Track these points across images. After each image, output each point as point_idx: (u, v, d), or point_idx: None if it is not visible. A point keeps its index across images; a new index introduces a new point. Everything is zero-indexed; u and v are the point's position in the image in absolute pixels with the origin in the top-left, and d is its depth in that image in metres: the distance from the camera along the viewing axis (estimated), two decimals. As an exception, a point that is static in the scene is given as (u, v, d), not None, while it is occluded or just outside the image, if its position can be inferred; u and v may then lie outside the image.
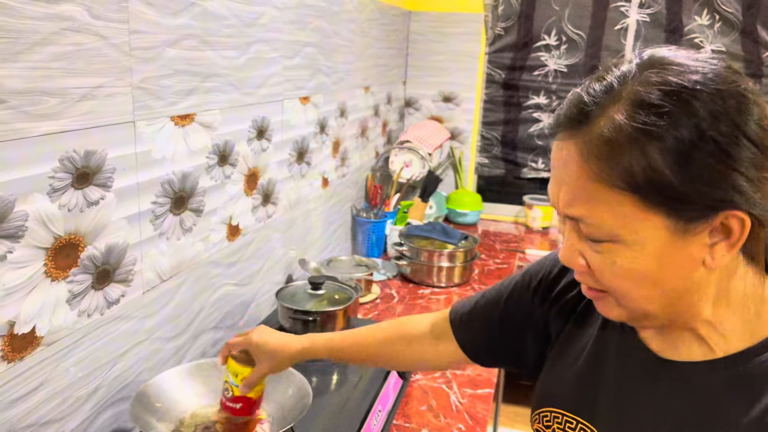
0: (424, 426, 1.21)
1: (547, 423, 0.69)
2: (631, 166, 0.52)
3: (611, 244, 0.55)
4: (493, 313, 0.80)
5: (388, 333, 0.90)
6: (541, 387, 0.74)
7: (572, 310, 0.72)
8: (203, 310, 1.24)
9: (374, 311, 1.72)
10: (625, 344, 0.66)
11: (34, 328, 0.82)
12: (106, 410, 0.98)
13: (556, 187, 0.58)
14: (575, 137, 0.55)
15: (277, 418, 0.97)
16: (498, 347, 0.81)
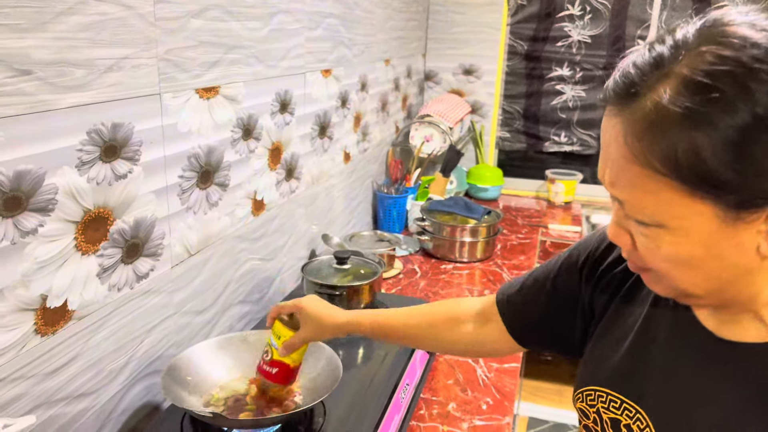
0: (451, 400, 1.20)
1: (590, 402, 0.68)
2: (675, 152, 0.48)
3: (656, 229, 0.53)
4: (540, 292, 0.79)
5: (436, 316, 0.88)
6: (585, 365, 0.72)
7: (619, 286, 0.70)
8: (230, 285, 1.24)
9: (397, 286, 1.71)
10: (677, 322, 0.63)
11: (66, 301, 0.82)
12: (138, 383, 0.98)
13: (603, 164, 0.56)
14: (619, 115, 0.52)
15: (307, 391, 0.97)
16: (545, 328, 0.79)
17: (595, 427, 0.67)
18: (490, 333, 0.84)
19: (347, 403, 1.00)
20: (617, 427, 0.64)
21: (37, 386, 0.78)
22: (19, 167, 0.72)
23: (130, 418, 0.97)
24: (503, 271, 1.85)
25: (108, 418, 0.92)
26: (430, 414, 1.15)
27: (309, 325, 0.90)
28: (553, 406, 2.63)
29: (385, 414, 1.01)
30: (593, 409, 0.67)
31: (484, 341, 0.85)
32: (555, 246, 2.25)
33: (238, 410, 0.93)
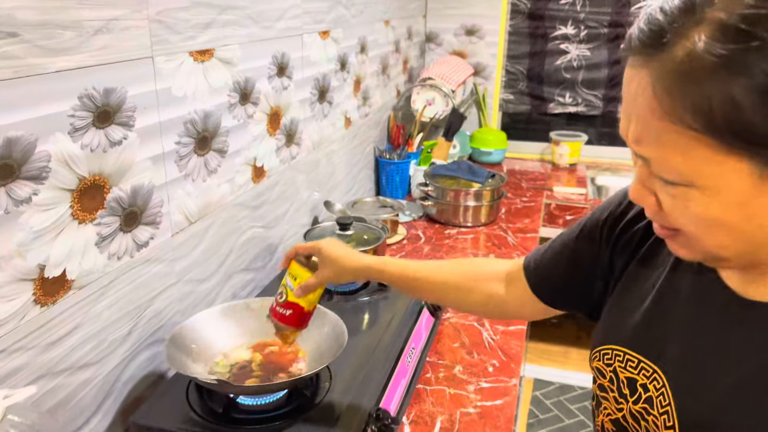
0: (457, 363, 1.20)
1: (608, 361, 0.66)
2: (709, 105, 0.45)
3: (684, 188, 0.50)
4: (564, 254, 0.77)
5: (465, 274, 0.86)
6: (603, 324, 0.71)
7: (638, 246, 0.67)
8: (232, 253, 1.23)
9: (401, 252, 1.70)
10: (700, 281, 0.60)
11: (65, 271, 0.80)
12: (141, 352, 0.98)
13: (626, 119, 0.52)
14: (646, 66, 0.48)
15: (313, 357, 0.96)
16: (568, 289, 0.78)
17: (611, 386, 0.66)
18: (515, 295, 0.83)
19: (353, 368, 1.00)
20: (633, 387, 0.63)
21: (38, 357, 0.77)
22: (9, 134, 0.70)
23: (134, 387, 0.97)
24: (508, 234, 1.83)
25: (112, 388, 0.92)
26: (437, 377, 1.15)
27: (328, 267, 0.88)
28: (558, 367, 2.65)
29: (392, 378, 1.00)
30: (610, 369, 0.66)
31: (510, 303, 0.84)
32: (560, 209, 2.23)
33: (243, 377, 0.92)
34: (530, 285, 0.81)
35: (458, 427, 1.02)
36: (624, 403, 0.64)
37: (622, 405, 0.64)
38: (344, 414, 0.89)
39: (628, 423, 0.63)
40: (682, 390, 0.58)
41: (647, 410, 0.61)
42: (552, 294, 0.80)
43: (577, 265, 0.76)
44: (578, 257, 0.75)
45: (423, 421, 1.03)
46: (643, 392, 0.62)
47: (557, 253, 0.78)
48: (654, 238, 0.65)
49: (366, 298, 1.24)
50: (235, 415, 0.89)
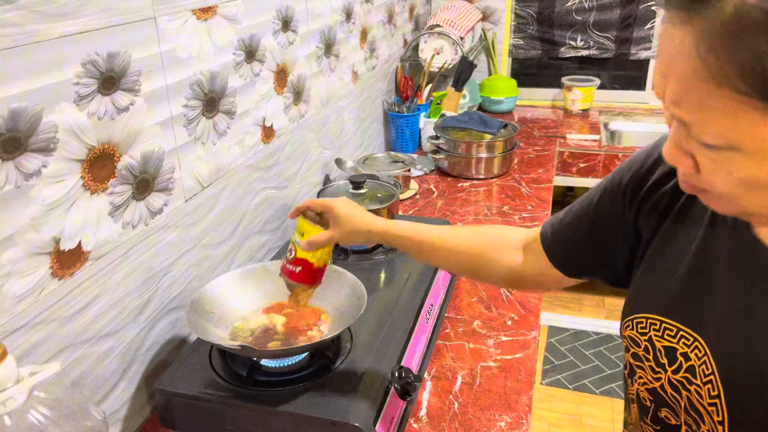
0: (476, 318, 1.20)
1: (642, 330, 0.64)
2: (761, 65, 0.41)
3: (728, 152, 0.47)
4: (583, 219, 0.74)
5: (482, 243, 0.84)
6: (635, 291, 0.68)
7: (668, 206, 0.64)
8: (246, 215, 1.21)
9: (414, 207, 1.69)
10: (738, 243, 0.57)
11: (80, 243, 0.80)
12: (162, 318, 0.98)
13: (662, 78, 0.48)
14: (688, 23, 0.44)
15: (333, 319, 0.96)
16: (588, 254, 0.75)
17: (646, 356, 0.63)
18: (532, 264, 0.81)
19: (373, 328, 1.00)
20: (672, 356, 0.60)
21: (59, 330, 0.77)
22: (13, 105, 0.68)
23: (157, 352, 0.97)
24: (521, 185, 1.80)
25: (135, 355, 0.92)
26: (456, 332, 1.15)
27: (341, 227, 0.85)
28: (572, 314, 2.66)
29: (412, 336, 1.01)
30: (644, 338, 0.63)
31: (527, 273, 0.82)
32: (573, 156, 2.19)
33: (266, 340, 0.92)
34: (548, 254, 0.78)
35: (479, 381, 1.02)
36: (662, 373, 0.62)
37: (659, 374, 0.62)
38: (367, 373, 0.89)
39: (667, 393, 0.62)
40: (726, 359, 0.56)
41: (689, 380, 0.59)
42: (571, 262, 0.78)
43: (598, 230, 0.73)
44: (599, 222, 0.72)
45: (444, 376, 1.03)
46: (683, 361, 0.59)
47: (576, 219, 0.75)
48: (686, 196, 0.62)
49: (382, 257, 1.23)
50: (259, 377, 0.89)
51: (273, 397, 0.85)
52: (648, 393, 0.65)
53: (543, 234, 0.80)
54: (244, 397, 0.85)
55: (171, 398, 0.87)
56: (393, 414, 0.88)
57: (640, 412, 0.68)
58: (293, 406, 0.83)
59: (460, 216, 1.62)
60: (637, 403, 0.68)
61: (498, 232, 0.86)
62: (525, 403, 0.98)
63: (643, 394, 0.66)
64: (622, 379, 0.74)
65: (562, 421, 2.11)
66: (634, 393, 0.68)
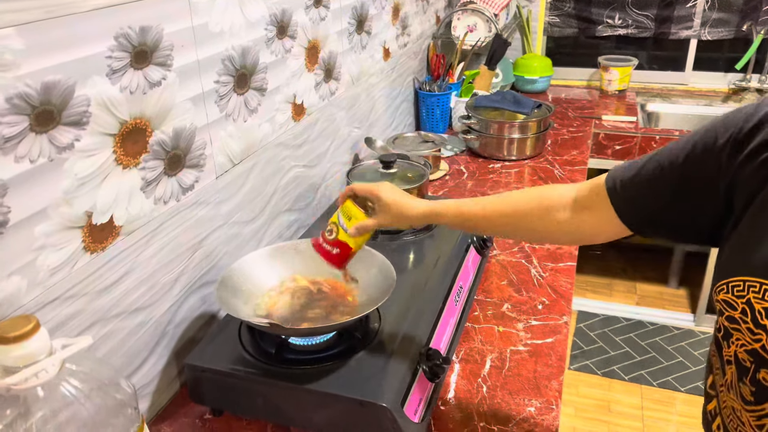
0: (505, 301, 1.18)
1: (738, 292, 0.61)
2: None
3: None
4: (665, 175, 0.70)
5: (527, 205, 0.82)
6: (732, 254, 0.65)
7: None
8: (276, 193, 1.21)
9: (444, 188, 1.66)
10: None
11: (112, 217, 0.80)
12: (192, 294, 0.98)
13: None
14: None
15: (362, 298, 0.95)
16: (667, 214, 0.71)
17: (743, 318, 0.61)
18: (590, 221, 0.77)
19: (401, 309, 0.99)
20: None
21: (91, 303, 0.78)
22: (46, 78, 0.67)
23: (187, 328, 0.98)
24: (555, 167, 1.77)
25: (165, 330, 0.93)
26: (485, 315, 1.13)
27: (386, 213, 0.88)
28: (602, 299, 2.62)
29: (440, 318, 0.99)
30: (742, 300, 0.61)
31: (583, 229, 0.79)
32: (609, 138, 2.13)
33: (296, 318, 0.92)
34: (617, 210, 0.74)
35: (508, 365, 1.01)
36: (762, 334, 0.59)
37: (759, 336, 0.60)
38: (395, 354, 0.89)
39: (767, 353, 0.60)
40: None
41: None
42: (645, 220, 0.73)
43: (683, 191, 0.68)
44: (686, 183, 0.68)
45: (473, 359, 1.02)
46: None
47: (655, 177, 0.71)
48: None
49: (411, 237, 1.22)
50: (287, 355, 0.89)
51: (301, 375, 0.85)
52: (747, 354, 0.62)
53: (611, 190, 0.75)
54: (272, 374, 0.85)
55: (200, 374, 0.88)
56: (421, 396, 0.87)
57: (738, 373, 0.66)
58: (321, 384, 0.83)
59: (490, 197, 1.59)
60: (735, 364, 0.65)
61: (542, 196, 0.83)
62: (555, 388, 0.96)
63: (742, 356, 0.63)
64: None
65: (589, 406, 2.09)
66: (731, 355, 0.65)
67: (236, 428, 0.90)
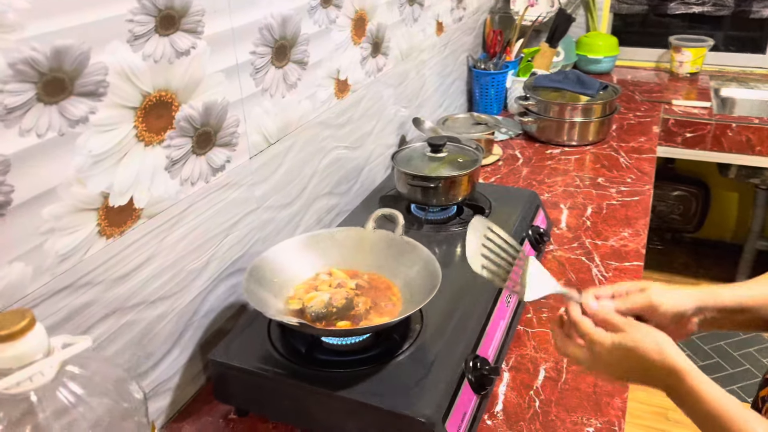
0: (563, 303, 1.06)
1: None
2: None
3: None
4: None
5: None
6: None
7: None
8: (315, 176, 1.12)
9: (496, 174, 1.55)
10: None
11: (132, 199, 0.73)
12: (221, 283, 0.91)
13: None
14: None
15: (403, 297, 0.86)
16: None
17: None
18: None
19: (446, 308, 0.89)
20: None
21: (107, 292, 0.71)
22: (57, 42, 0.60)
23: (214, 320, 0.91)
24: (620, 155, 1.62)
25: (190, 321, 0.86)
26: (539, 319, 1.03)
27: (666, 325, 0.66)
28: (661, 298, 2.46)
29: (490, 320, 0.89)
30: None
31: None
32: (679, 125, 1.96)
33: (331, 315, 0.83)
34: None
35: (565, 377, 0.90)
36: None
37: None
38: (437, 361, 0.79)
39: None
40: None
41: None
42: None
43: None
44: None
45: (524, 367, 0.92)
46: None
47: None
48: None
49: (459, 228, 1.12)
50: (319, 355, 0.81)
51: (332, 380, 0.76)
52: None
53: None
54: (301, 376, 0.78)
55: (224, 371, 0.81)
56: (465, 409, 0.78)
57: None
58: (354, 392, 0.75)
59: (547, 186, 1.47)
60: None
61: None
62: (618, 407, 0.85)
63: None
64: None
65: (644, 412, 1.95)
66: None
67: (262, 431, 0.83)
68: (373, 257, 0.92)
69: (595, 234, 1.27)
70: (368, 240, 0.93)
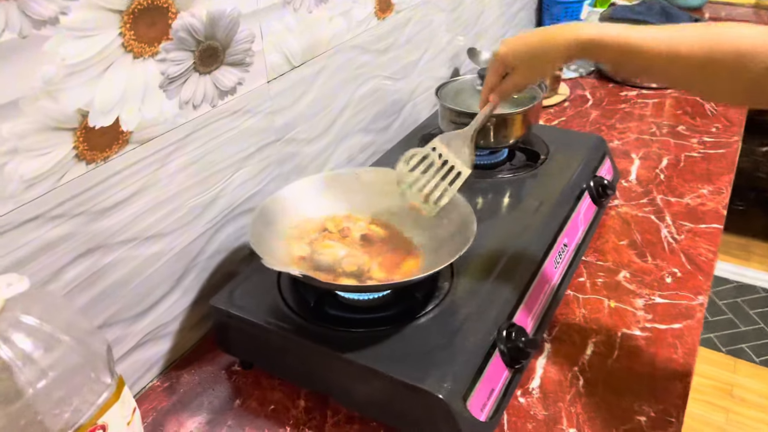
0: (623, 266, 0.92)
1: None
2: None
3: None
4: None
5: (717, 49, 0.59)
6: None
7: None
8: (348, 108, 1.00)
9: (560, 117, 1.38)
10: None
11: (118, 120, 0.63)
12: (230, 223, 0.82)
13: None
14: None
15: (429, 249, 0.74)
16: None
17: None
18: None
19: (483, 266, 0.77)
20: None
21: (88, 226, 0.62)
22: None
23: (223, 262, 0.82)
24: (705, 102, 1.41)
25: (194, 262, 0.78)
26: (594, 284, 0.89)
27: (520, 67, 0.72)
28: (737, 263, 2.24)
29: (533, 283, 0.77)
30: None
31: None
32: (781, 70, 1.71)
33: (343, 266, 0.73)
34: None
35: (617, 353, 0.77)
36: None
37: None
38: (465, 326, 0.68)
39: None
40: None
41: None
42: None
43: None
44: None
45: (570, 339, 0.79)
46: None
47: None
48: None
49: (509, 175, 0.98)
50: (330, 310, 0.71)
51: (341, 339, 0.67)
52: None
53: None
54: (307, 333, 0.68)
55: (226, 320, 0.72)
56: (493, 385, 0.67)
57: None
58: (364, 356, 0.65)
59: (618, 132, 1.29)
60: None
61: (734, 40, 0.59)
62: (678, 393, 0.72)
63: None
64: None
65: (707, 387, 1.79)
66: None
67: (267, 387, 0.75)
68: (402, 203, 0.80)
69: (668, 189, 1.10)
70: (397, 183, 0.81)
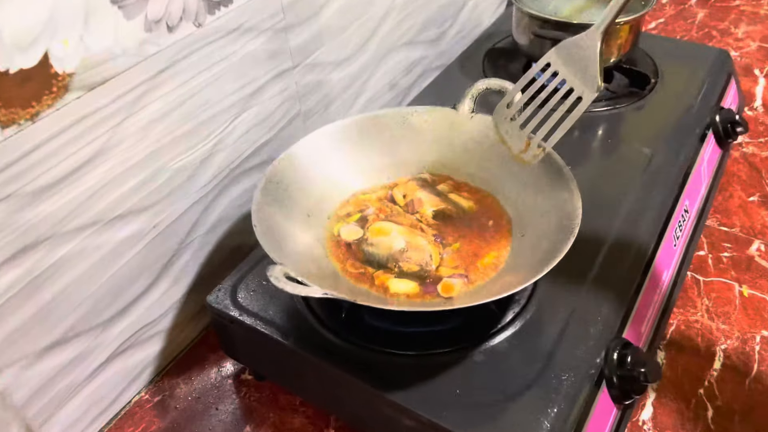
0: (756, 234, 0.69)
1: None
2: None
3: None
4: None
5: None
6: None
7: None
8: (388, 16, 0.75)
9: (657, 19, 1.09)
10: None
11: (47, 56, 0.41)
12: (234, 183, 0.62)
13: None
14: None
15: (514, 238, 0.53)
16: None
17: None
18: None
19: (574, 253, 0.55)
20: None
21: (18, 215, 0.43)
22: None
23: (226, 234, 0.63)
24: None
25: (185, 241, 0.58)
26: (718, 261, 0.67)
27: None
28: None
29: (648, 275, 0.55)
30: None
31: None
32: None
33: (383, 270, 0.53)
34: None
35: (757, 366, 0.57)
36: None
37: None
38: (559, 348, 0.48)
39: None
40: None
41: None
42: None
43: None
44: None
45: (690, 345, 0.59)
46: None
47: None
48: None
49: (606, 109, 0.73)
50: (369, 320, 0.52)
51: (385, 368, 0.48)
52: None
53: None
54: (337, 356, 0.49)
55: (225, 323, 0.54)
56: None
57: None
58: (418, 400, 0.45)
59: (732, 39, 1.01)
60: None
61: None
62: None
63: None
64: None
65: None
66: None
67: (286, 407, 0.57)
68: (467, 161, 0.58)
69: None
70: (462, 131, 0.59)
